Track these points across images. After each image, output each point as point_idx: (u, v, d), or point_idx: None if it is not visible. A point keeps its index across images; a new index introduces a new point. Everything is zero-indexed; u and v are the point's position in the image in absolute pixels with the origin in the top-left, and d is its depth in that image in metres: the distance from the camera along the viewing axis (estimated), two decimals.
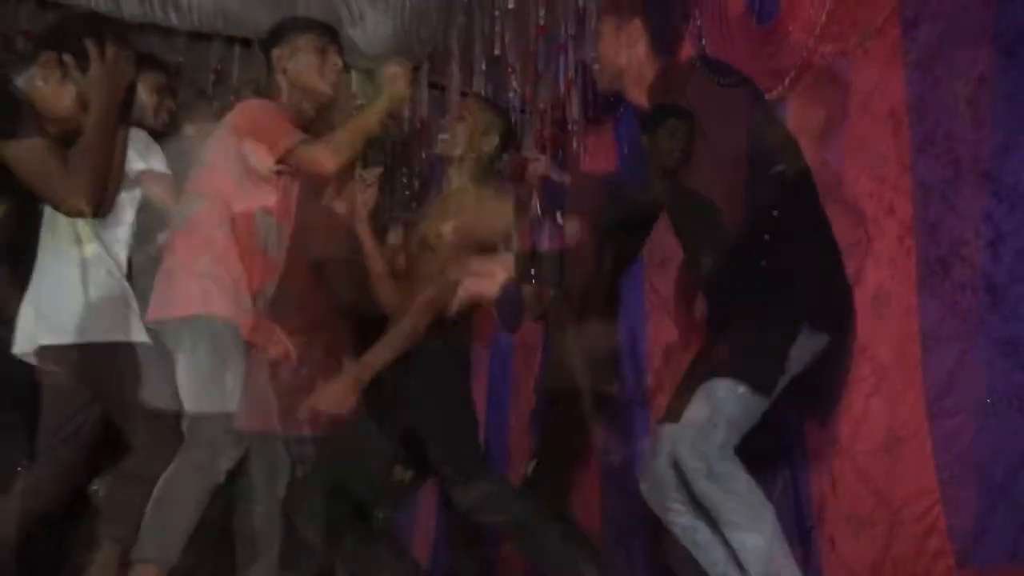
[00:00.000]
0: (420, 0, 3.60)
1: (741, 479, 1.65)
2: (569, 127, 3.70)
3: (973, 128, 2.16)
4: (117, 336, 2.10)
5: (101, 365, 2.09)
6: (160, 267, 2.14)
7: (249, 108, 2.23)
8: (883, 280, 2.37)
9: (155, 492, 1.97)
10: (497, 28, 3.48)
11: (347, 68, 3.85)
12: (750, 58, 3.00)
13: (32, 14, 3.78)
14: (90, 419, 2.18)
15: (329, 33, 2.32)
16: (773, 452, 2.47)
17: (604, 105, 3.54)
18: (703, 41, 3.29)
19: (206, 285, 2.03)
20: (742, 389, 1.68)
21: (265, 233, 2.15)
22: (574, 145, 3.70)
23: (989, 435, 2.01)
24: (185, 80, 3.69)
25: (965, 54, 2.18)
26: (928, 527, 2.13)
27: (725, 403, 1.67)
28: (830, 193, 2.65)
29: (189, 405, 2.03)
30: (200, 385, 2.03)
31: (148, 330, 2.12)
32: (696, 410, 1.65)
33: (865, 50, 2.53)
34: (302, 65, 2.29)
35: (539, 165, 2.55)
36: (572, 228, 2.19)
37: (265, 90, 2.37)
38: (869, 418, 2.36)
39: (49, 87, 1.91)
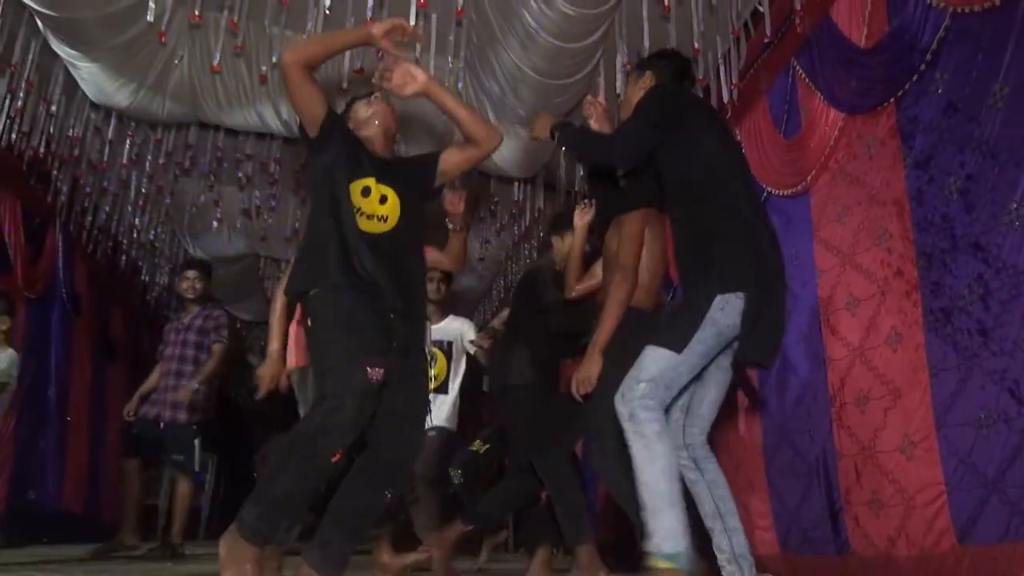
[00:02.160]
0: None
1: (652, 427, 1.58)
2: None
3: (965, 211, 2.05)
4: None
5: None
6: None
7: None
8: (895, 324, 2.36)
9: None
10: None
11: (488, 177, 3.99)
12: (779, 163, 2.97)
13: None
14: None
15: None
16: None
17: None
18: (743, 150, 3.26)
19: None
20: (658, 352, 1.64)
21: None
22: None
23: (984, 442, 1.91)
24: None
25: (955, 157, 2.10)
26: (935, 511, 2.12)
27: (645, 363, 1.65)
28: (848, 259, 2.56)
29: None
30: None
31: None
32: (631, 370, 1.68)
33: (871, 156, 2.46)
34: None
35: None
36: None
37: None
38: (887, 426, 2.38)
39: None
